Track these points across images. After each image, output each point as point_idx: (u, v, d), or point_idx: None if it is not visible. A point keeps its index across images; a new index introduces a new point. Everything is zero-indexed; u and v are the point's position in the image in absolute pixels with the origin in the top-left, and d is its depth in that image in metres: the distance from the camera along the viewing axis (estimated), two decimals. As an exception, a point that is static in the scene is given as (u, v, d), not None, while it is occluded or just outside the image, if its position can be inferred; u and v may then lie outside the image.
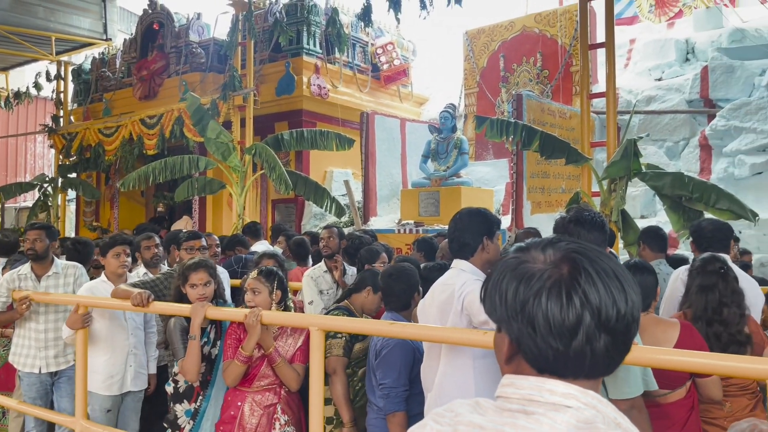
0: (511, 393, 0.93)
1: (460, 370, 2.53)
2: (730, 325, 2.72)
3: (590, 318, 0.89)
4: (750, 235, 7.64)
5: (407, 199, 9.65)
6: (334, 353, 3.17)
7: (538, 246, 0.98)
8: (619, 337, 0.91)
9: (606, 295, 0.90)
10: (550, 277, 0.91)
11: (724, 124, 8.65)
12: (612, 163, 5.99)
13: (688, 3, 12.92)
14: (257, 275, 3.17)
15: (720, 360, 1.97)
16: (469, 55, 11.88)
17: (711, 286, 2.80)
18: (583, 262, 0.92)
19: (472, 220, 2.66)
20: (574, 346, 0.89)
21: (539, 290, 0.91)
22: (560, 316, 0.89)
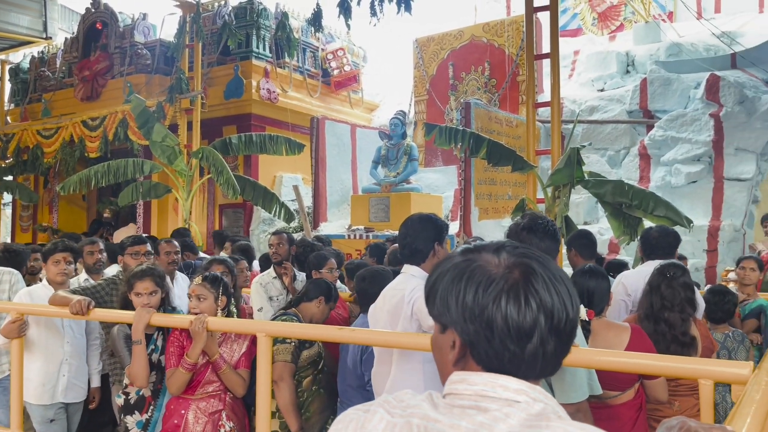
0: (463, 389, 0.94)
1: (410, 374, 2.55)
2: (674, 327, 2.83)
3: (545, 321, 0.92)
4: (685, 241, 7.93)
5: (357, 204, 9.66)
6: (281, 359, 3.07)
7: (489, 249, 1.00)
8: (566, 340, 0.95)
9: (557, 299, 0.93)
10: (508, 280, 0.93)
11: (661, 134, 9.00)
12: (556, 170, 6.15)
13: (628, 17, 13.42)
14: (202, 281, 3.12)
15: (656, 360, 2.05)
16: (419, 63, 12.00)
17: (656, 288, 2.92)
18: (535, 266, 0.95)
19: (423, 226, 2.67)
20: (529, 348, 0.92)
21: (499, 293, 0.93)
22: (518, 318, 0.92)
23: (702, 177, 8.66)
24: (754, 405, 1.59)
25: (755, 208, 9.00)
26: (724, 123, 8.48)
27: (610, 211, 6.16)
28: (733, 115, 8.42)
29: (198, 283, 3.12)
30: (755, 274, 4.48)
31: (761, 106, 8.40)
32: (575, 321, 0.95)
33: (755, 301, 4.39)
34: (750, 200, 8.57)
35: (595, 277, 2.75)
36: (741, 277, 4.51)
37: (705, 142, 8.58)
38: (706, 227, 8.22)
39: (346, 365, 3.18)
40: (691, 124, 8.81)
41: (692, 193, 8.69)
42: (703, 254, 8.24)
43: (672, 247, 3.69)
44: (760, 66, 9.06)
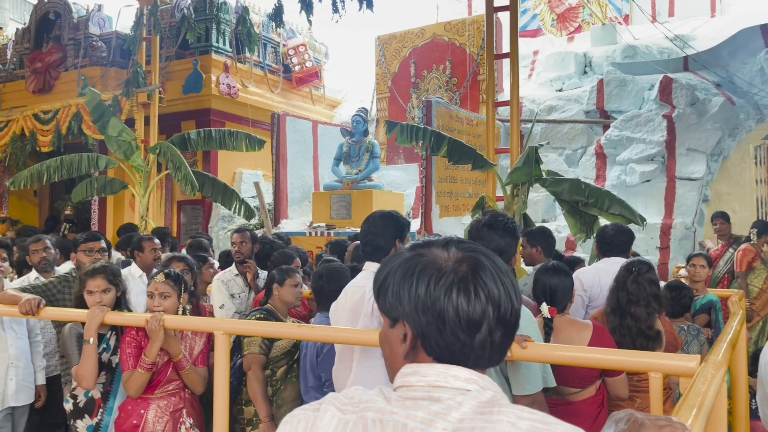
0: (416, 381, 0.96)
1: (372, 371, 2.56)
2: (640, 321, 2.90)
3: (492, 312, 0.95)
4: (639, 239, 8.15)
5: (319, 201, 9.63)
6: (251, 351, 3.17)
7: (437, 245, 1.02)
8: (510, 330, 0.99)
9: (503, 290, 0.97)
10: (458, 273, 0.96)
11: (617, 134, 9.22)
12: (515, 169, 6.23)
13: (586, 19, 13.69)
14: (165, 279, 3.07)
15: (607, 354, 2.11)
16: (380, 61, 12.01)
17: (622, 284, 2.99)
18: (483, 260, 0.99)
19: (384, 224, 2.69)
20: (478, 338, 0.95)
21: (450, 286, 0.95)
22: (468, 309, 0.95)
23: (655, 176, 8.90)
24: (700, 396, 1.65)
25: (705, 207, 9.31)
26: (676, 124, 8.73)
27: (567, 209, 6.27)
28: (684, 116, 8.68)
29: (161, 280, 3.07)
30: (705, 270, 4.63)
31: (711, 108, 8.67)
32: (519, 312, 0.99)
33: (705, 297, 4.54)
34: (700, 199, 8.85)
35: (558, 274, 2.79)
36: (691, 273, 4.65)
37: (658, 143, 8.82)
38: (658, 225, 8.45)
39: (306, 367, 3.18)
40: (645, 125, 9.04)
41: (646, 192, 8.92)
42: (655, 251, 8.47)
43: (626, 245, 3.79)
44: (710, 69, 9.36)
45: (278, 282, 3.43)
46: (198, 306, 3.82)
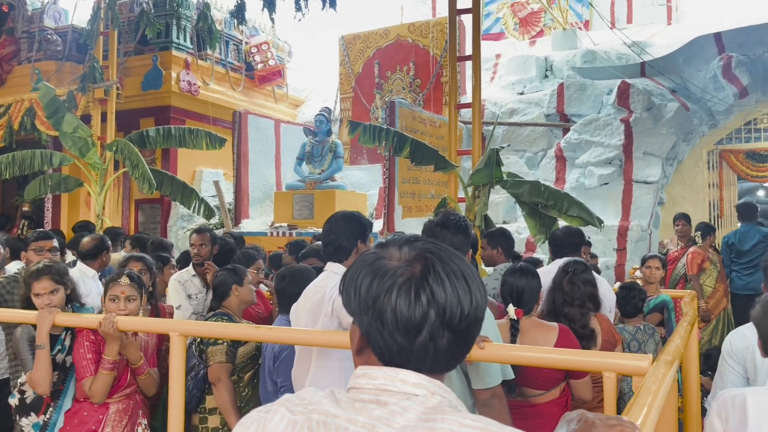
0: (365, 383, 0.95)
1: (329, 372, 2.55)
2: (574, 321, 2.96)
3: (435, 316, 0.92)
4: (597, 240, 8.33)
5: (281, 201, 9.54)
6: (216, 360, 3.07)
7: (396, 243, 1.02)
8: (461, 336, 0.96)
9: (452, 295, 0.94)
10: (403, 274, 0.95)
11: (576, 137, 9.39)
12: (476, 170, 6.29)
13: (548, 23, 13.91)
14: (130, 282, 3.00)
15: (562, 354, 2.13)
16: (344, 60, 11.97)
17: (558, 285, 3.04)
18: (434, 261, 0.96)
19: (346, 224, 2.69)
20: (418, 342, 0.93)
21: (391, 286, 0.94)
22: (407, 312, 0.93)
23: (613, 179, 9.09)
24: (651, 395, 1.68)
25: (661, 210, 9.55)
26: (633, 128, 8.93)
27: (527, 210, 6.36)
28: (641, 121, 8.89)
29: (126, 283, 2.98)
30: (659, 272, 4.75)
31: (667, 113, 8.90)
32: (474, 317, 0.96)
33: (659, 297, 4.65)
34: (656, 202, 9.08)
35: (525, 276, 2.82)
36: (646, 275, 4.76)
37: (616, 146, 9.01)
38: (616, 227, 8.64)
39: (264, 371, 3.15)
40: (603, 129, 9.23)
41: (604, 195, 9.10)
42: (613, 253, 8.65)
43: (577, 245, 3.86)
44: (666, 75, 9.60)
45: (237, 282, 3.38)
46: (157, 307, 3.74)
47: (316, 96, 13.77)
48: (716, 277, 6.26)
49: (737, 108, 9.17)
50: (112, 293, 2.97)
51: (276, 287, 3.32)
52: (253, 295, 3.49)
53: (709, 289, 6.25)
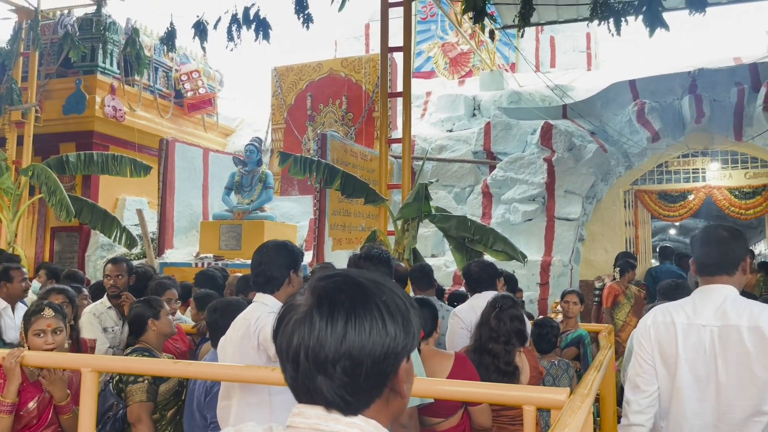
0: (300, 422, 0.94)
1: (257, 408, 2.47)
2: (498, 357, 2.99)
3: (304, 355, 0.93)
4: (521, 274, 8.55)
5: (207, 231, 9.33)
6: (136, 399, 2.91)
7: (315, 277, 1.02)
8: (352, 373, 0.93)
9: (330, 332, 0.92)
10: (297, 310, 0.97)
11: (502, 174, 9.69)
12: (405, 204, 6.38)
13: (476, 64, 14.41)
14: (55, 313, 2.84)
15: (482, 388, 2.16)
16: (277, 92, 11.97)
17: (485, 320, 3.08)
18: (324, 298, 0.96)
19: (278, 253, 2.62)
20: (299, 376, 0.95)
21: (287, 322, 0.97)
22: (285, 347, 0.96)
23: (536, 216, 9.41)
24: (567, 428, 1.73)
25: (581, 246, 9.93)
26: (555, 167, 9.31)
27: (455, 244, 6.48)
28: (563, 160, 9.29)
29: (51, 315, 2.83)
30: (577, 307, 4.90)
31: (587, 154, 9.34)
32: (363, 353, 0.93)
33: (576, 332, 4.80)
34: (577, 238, 9.44)
35: (420, 306, 2.87)
36: (564, 309, 4.91)
37: (539, 184, 9.35)
38: (539, 262, 8.91)
39: (192, 405, 3.02)
40: (527, 167, 9.57)
41: (528, 230, 9.39)
42: (536, 287, 8.90)
43: (492, 279, 3.94)
44: (586, 118, 10.10)
45: (153, 316, 3.25)
46: (78, 341, 3.54)
47: (247, 126, 13.66)
48: (628, 311, 6.52)
49: (650, 151, 9.74)
50: (37, 327, 2.80)
51: (207, 320, 3.22)
52: (172, 327, 3.37)
53: (620, 323, 6.51)
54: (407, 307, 0.99)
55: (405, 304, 0.99)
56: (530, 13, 6.07)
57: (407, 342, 0.97)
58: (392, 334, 0.95)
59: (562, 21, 10.00)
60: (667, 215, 10.00)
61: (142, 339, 3.22)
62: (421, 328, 1.05)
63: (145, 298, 3.44)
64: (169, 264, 8.81)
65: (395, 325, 0.96)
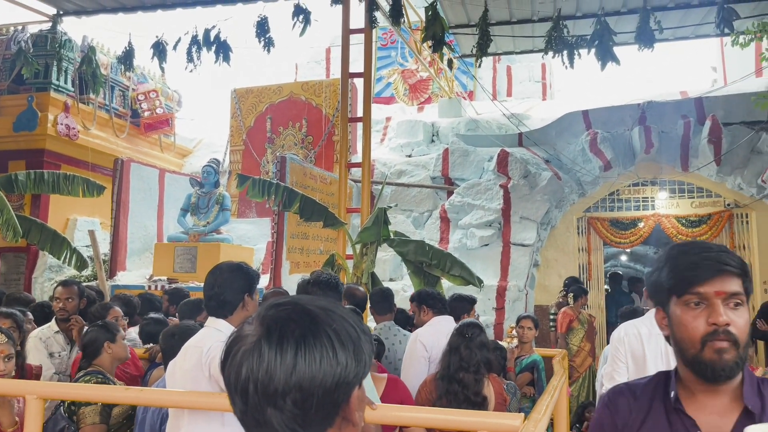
0: None
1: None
2: (468, 387, 2.99)
3: (253, 387, 0.91)
4: (478, 299, 8.64)
5: (161, 253, 9.15)
6: (89, 422, 2.84)
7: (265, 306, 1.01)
8: (294, 404, 0.91)
9: (279, 363, 0.91)
10: (245, 341, 0.95)
11: (459, 200, 9.82)
12: (364, 228, 6.39)
13: (435, 91, 14.66)
14: (7, 340, 2.74)
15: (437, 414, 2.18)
16: (236, 113, 11.91)
17: (455, 348, 3.08)
18: (273, 328, 0.94)
19: (232, 276, 2.55)
20: (249, 409, 0.93)
21: (235, 353, 0.95)
22: (233, 379, 0.94)
23: (493, 241, 9.54)
24: (520, 454, 1.75)
25: (536, 271, 10.10)
26: (511, 194, 9.49)
27: (412, 269, 6.51)
28: (518, 187, 9.48)
29: (4, 341, 2.74)
30: (531, 332, 4.99)
31: (541, 181, 9.56)
32: (302, 387, 0.91)
33: (530, 357, 4.87)
34: (531, 264, 9.60)
35: None
36: (519, 335, 4.99)
37: (496, 210, 9.51)
38: (495, 287, 9.02)
39: (146, 428, 2.94)
40: (484, 193, 9.73)
41: (484, 255, 9.51)
42: (492, 312, 8.99)
43: (444, 303, 4.03)
44: (541, 146, 10.36)
45: (110, 339, 3.18)
46: (23, 367, 3.41)
47: (205, 147, 13.51)
48: (582, 337, 6.66)
49: (602, 179, 10.03)
50: None
51: (162, 346, 3.14)
52: (126, 351, 3.30)
53: (575, 348, 6.63)
54: (358, 335, 0.98)
55: (356, 331, 0.98)
56: (487, 43, 6.24)
57: (359, 370, 0.96)
58: (343, 363, 0.94)
59: (519, 52, 10.30)
60: (618, 242, 10.28)
61: (96, 362, 3.14)
62: (373, 355, 1.04)
63: (103, 322, 3.37)
64: (121, 286, 8.60)
65: (346, 354, 0.94)
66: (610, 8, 8.18)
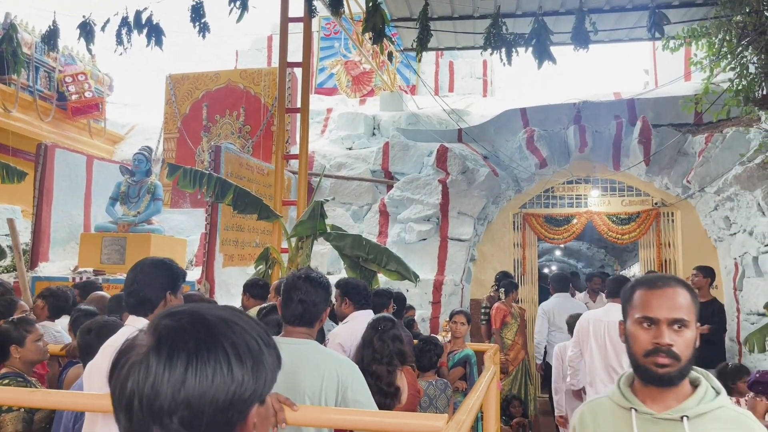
0: None
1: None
2: (380, 379, 2.99)
3: (138, 403, 0.84)
4: (414, 293, 8.68)
5: (88, 244, 8.76)
6: (10, 430, 2.71)
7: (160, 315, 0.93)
8: (182, 423, 0.84)
9: (167, 378, 0.84)
10: (136, 352, 0.88)
11: (399, 194, 9.81)
12: (300, 222, 6.28)
13: (378, 84, 14.61)
14: None
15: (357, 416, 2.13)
16: (171, 100, 11.51)
17: (368, 342, 3.07)
18: (165, 339, 0.87)
19: (155, 272, 2.49)
20: (133, 426, 0.86)
21: (123, 365, 0.88)
22: (118, 393, 0.87)
23: (431, 236, 9.59)
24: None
25: (472, 266, 10.22)
26: (449, 189, 9.55)
27: (349, 263, 6.45)
28: (456, 182, 9.54)
29: None
30: (464, 327, 5.01)
31: (479, 177, 9.66)
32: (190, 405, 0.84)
33: (463, 351, 4.90)
34: (468, 258, 9.70)
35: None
36: (452, 329, 5.01)
37: (434, 205, 9.55)
38: (432, 281, 9.06)
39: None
40: (423, 188, 9.75)
41: (422, 250, 9.55)
42: (429, 306, 9.04)
43: (368, 298, 3.99)
44: (480, 142, 10.46)
45: (17, 342, 2.97)
46: None
47: (138, 133, 13.02)
48: (516, 331, 6.75)
49: (538, 177, 10.22)
50: None
51: (79, 341, 2.97)
52: (41, 353, 3.09)
53: (509, 342, 6.73)
54: (260, 348, 0.91)
55: (258, 344, 0.91)
56: (428, 38, 6.20)
57: (257, 387, 0.89)
58: (239, 380, 0.87)
59: (460, 48, 10.34)
60: (552, 238, 10.51)
61: (7, 365, 2.94)
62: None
63: (12, 320, 3.15)
64: (43, 278, 8.18)
65: (243, 370, 0.88)
66: (549, 8, 8.31)
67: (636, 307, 1.70)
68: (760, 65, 7.23)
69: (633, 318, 1.70)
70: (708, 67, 7.79)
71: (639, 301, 1.70)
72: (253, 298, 5.03)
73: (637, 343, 1.67)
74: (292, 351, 2.46)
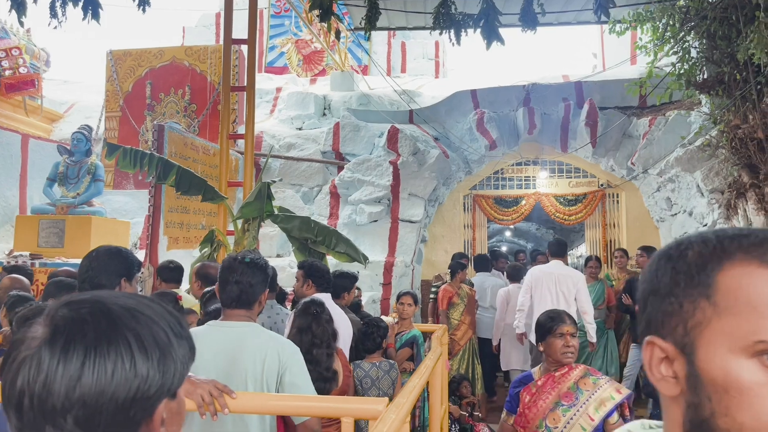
0: None
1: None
2: (320, 363, 2.93)
3: (29, 401, 0.77)
4: (365, 275, 8.64)
5: (24, 226, 8.39)
6: None
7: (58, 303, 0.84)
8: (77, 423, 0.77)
9: (60, 375, 0.76)
10: (29, 345, 0.79)
11: (349, 176, 9.72)
12: (246, 203, 6.13)
13: (330, 64, 14.40)
14: None
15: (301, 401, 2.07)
16: (112, 77, 11.07)
17: (306, 327, 3.00)
18: (60, 331, 0.79)
19: (109, 260, 2.50)
20: (24, 427, 0.78)
21: (14, 359, 0.79)
22: (8, 391, 0.78)
23: (382, 217, 9.55)
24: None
25: (423, 247, 10.25)
26: (400, 170, 9.52)
27: (297, 245, 6.34)
28: (407, 164, 9.51)
29: None
30: (411, 308, 5.00)
31: (430, 159, 9.65)
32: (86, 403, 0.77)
33: (410, 332, 4.89)
34: (419, 240, 9.72)
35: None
36: (399, 311, 4.99)
37: (385, 186, 9.50)
38: (382, 262, 9.04)
39: None
40: (374, 169, 9.69)
41: (373, 231, 9.51)
42: (379, 287, 9.03)
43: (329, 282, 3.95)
44: (431, 124, 10.44)
45: None
46: None
47: (78, 112, 12.49)
48: (462, 311, 6.81)
49: (488, 158, 10.29)
50: None
51: (15, 330, 2.82)
52: None
53: (455, 322, 6.78)
54: (169, 340, 0.84)
55: (168, 335, 0.84)
56: (376, 16, 6.09)
57: (164, 381, 0.82)
58: (143, 375, 0.80)
59: (411, 28, 10.25)
60: (501, 219, 10.62)
61: None
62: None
63: None
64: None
65: (148, 363, 0.81)
66: (498, -11, 8.28)
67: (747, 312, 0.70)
68: (701, 50, 7.41)
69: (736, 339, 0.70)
70: (652, 51, 7.93)
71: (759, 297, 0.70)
72: (165, 282, 4.69)
73: None
74: (232, 334, 2.40)
